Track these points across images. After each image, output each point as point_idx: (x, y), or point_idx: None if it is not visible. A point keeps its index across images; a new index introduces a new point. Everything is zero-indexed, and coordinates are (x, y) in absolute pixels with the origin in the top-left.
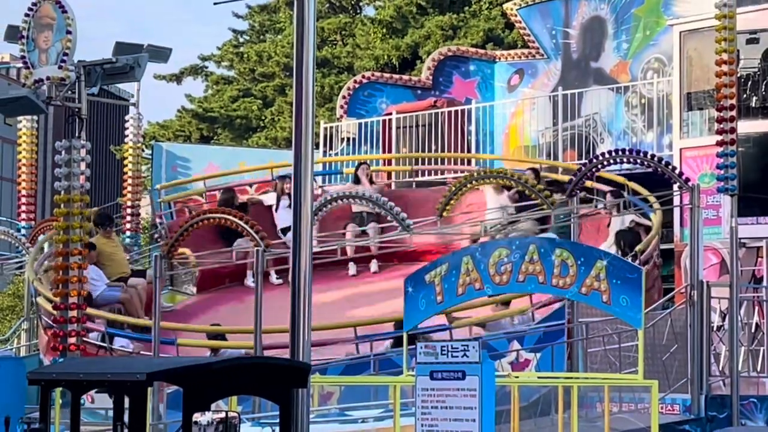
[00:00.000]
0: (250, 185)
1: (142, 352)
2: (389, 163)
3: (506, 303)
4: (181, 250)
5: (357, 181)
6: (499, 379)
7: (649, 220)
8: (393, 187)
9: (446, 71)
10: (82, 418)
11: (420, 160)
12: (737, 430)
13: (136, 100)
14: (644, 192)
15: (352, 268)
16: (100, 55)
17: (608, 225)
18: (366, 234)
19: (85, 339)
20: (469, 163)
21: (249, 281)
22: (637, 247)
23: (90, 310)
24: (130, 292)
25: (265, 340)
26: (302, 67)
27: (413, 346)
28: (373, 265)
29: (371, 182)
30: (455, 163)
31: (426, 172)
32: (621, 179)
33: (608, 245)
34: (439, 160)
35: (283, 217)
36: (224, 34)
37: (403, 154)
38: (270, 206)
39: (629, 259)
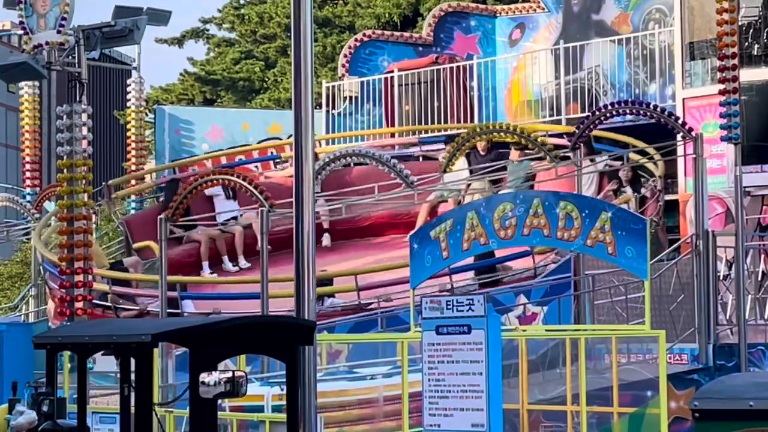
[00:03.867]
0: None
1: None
2: (392, 126)
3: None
4: (145, 243)
5: None
6: (507, 333)
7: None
8: (396, 149)
9: (447, 27)
10: (92, 381)
11: (422, 122)
12: (742, 376)
13: (137, 64)
14: (639, 143)
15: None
16: (99, 19)
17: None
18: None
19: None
20: (471, 118)
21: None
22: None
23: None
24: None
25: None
26: (300, 26)
27: (419, 303)
28: (325, 239)
29: None
30: (458, 121)
31: (429, 130)
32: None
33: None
34: (441, 120)
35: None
36: None
37: (404, 128)
38: (210, 196)
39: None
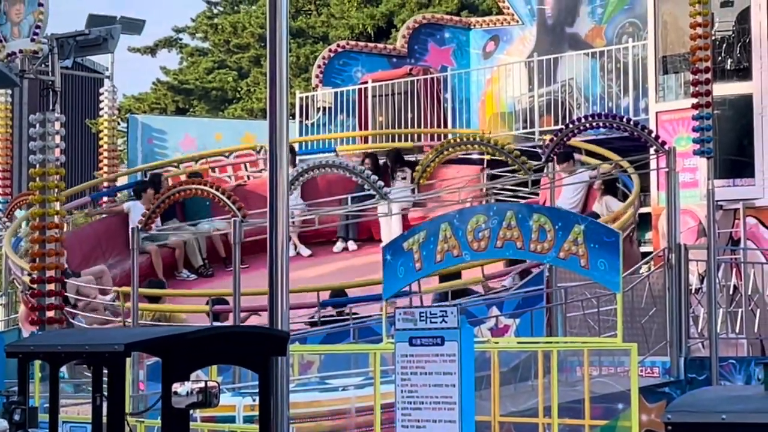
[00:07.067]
0: (227, 155)
1: None
2: (365, 139)
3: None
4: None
5: None
6: (479, 345)
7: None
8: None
9: (421, 39)
10: (64, 390)
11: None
12: (714, 389)
13: (110, 72)
14: (614, 156)
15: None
16: (73, 27)
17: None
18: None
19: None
20: (445, 129)
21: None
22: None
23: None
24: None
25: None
26: (275, 36)
27: (392, 314)
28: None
29: None
30: (431, 136)
31: (403, 140)
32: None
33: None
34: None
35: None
36: (198, 6)
37: (378, 131)
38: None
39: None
